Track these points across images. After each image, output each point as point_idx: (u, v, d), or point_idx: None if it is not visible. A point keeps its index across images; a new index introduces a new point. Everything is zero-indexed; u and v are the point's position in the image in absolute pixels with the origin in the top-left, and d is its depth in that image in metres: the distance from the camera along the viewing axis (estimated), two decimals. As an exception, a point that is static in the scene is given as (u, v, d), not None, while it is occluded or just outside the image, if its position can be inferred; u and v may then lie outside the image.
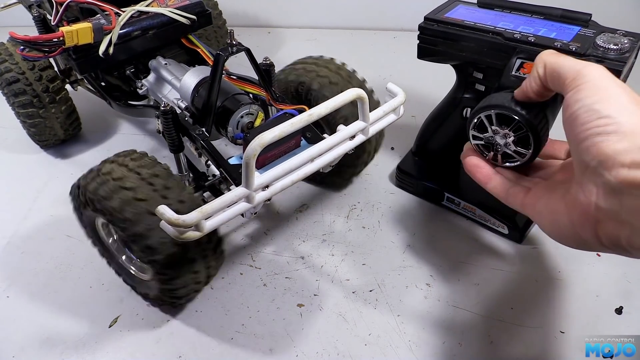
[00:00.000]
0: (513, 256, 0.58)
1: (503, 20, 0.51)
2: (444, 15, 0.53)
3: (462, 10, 0.55)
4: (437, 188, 0.63)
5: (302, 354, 0.50)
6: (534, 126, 0.40)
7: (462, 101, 0.57)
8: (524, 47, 0.47)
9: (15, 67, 0.68)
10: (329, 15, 1.11)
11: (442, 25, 0.52)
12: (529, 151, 0.41)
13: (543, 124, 0.40)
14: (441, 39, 0.53)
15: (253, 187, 0.41)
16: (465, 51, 0.52)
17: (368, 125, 0.48)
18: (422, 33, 0.54)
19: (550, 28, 0.49)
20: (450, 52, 0.53)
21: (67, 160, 0.77)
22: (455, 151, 0.55)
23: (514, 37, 0.48)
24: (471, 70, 0.54)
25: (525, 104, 0.40)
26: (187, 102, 0.59)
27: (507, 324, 0.51)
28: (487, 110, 0.42)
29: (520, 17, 0.52)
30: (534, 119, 0.39)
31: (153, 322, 0.53)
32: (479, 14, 0.53)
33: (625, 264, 0.56)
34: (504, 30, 0.49)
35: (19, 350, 0.51)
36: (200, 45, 0.64)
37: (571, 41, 0.46)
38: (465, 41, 0.51)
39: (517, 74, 0.46)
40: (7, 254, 0.62)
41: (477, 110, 0.43)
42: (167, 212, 0.37)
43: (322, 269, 0.58)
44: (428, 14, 0.54)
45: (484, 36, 0.50)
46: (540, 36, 0.48)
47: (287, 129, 0.40)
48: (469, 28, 0.51)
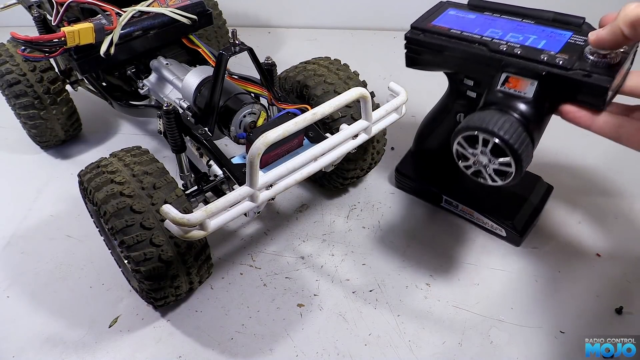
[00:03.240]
0: (513, 256, 0.58)
1: (492, 26, 0.49)
2: (431, 23, 0.51)
3: (451, 15, 0.52)
4: (435, 191, 0.63)
5: (302, 354, 0.50)
6: (512, 147, 0.40)
7: (455, 107, 0.57)
8: (510, 59, 0.44)
9: (16, 68, 0.68)
10: (329, 15, 1.11)
11: (428, 34, 0.50)
12: (512, 169, 0.41)
13: (524, 143, 0.40)
14: (427, 49, 0.51)
15: (257, 186, 0.41)
16: (451, 62, 0.50)
17: (371, 125, 0.49)
18: (408, 42, 0.52)
19: (540, 35, 0.46)
20: (437, 61, 0.51)
21: (68, 160, 0.77)
22: (450, 154, 0.55)
23: (499, 48, 0.45)
24: (462, 77, 0.52)
25: (504, 124, 0.40)
26: (189, 102, 0.59)
27: (507, 324, 0.51)
28: (466, 132, 0.42)
29: (511, 21, 0.49)
30: (512, 139, 0.40)
31: (153, 322, 0.53)
32: (468, 20, 0.51)
33: (625, 264, 0.56)
34: (490, 40, 0.47)
35: (19, 350, 0.51)
36: (201, 45, 0.64)
37: (559, 52, 0.43)
38: (450, 52, 0.49)
39: (502, 88, 0.44)
40: (7, 254, 0.62)
41: (456, 133, 0.43)
42: (171, 211, 0.37)
43: (322, 269, 0.58)
44: (415, 21, 0.52)
45: (469, 47, 0.47)
46: (527, 47, 0.45)
47: (290, 128, 0.40)
48: (455, 38, 0.48)
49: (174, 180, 0.48)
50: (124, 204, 0.44)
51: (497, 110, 0.43)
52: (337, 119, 0.56)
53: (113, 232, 0.45)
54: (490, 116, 0.41)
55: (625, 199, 0.64)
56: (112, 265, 0.57)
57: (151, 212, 0.45)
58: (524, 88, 0.43)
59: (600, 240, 0.59)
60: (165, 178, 0.47)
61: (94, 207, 0.48)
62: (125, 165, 0.48)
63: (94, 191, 0.46)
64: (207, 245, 0.50)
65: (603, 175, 0.66)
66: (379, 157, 0.64)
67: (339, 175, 0.62)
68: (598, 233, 0.60)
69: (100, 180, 0.46)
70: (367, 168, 0.64)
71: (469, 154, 0.44)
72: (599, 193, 0.64)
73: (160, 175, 0.48)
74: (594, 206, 0.63)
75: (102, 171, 0.47)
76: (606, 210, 0.63)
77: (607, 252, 0.57)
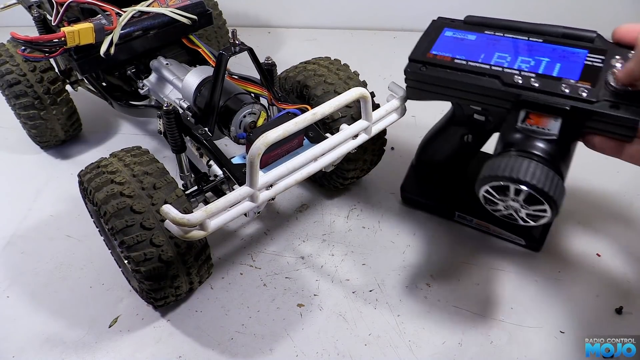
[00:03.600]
0: (513, 256, 0.58)
1: (497, 49, 0.45)
2: (431, 52, 0.47)
3: (450, 38, 0.48)
4: (446, 208, 0.61)
5: (302, 354, 0.50)
6: (548, 195, 0.37)
7: (461, 128, 0.54)
8: (528, 94, 0.41)
9: (16, 68, 0.68)
10: (329, 15, 1.11)
11: (430, 67, 0.46)
12: (548, 214, 0.39)
13: (558, 187, 0.38)
14: (431, 84, 0.47)
15: (257, 186, 0.41)
16: (459, 95, 0.46)
17: (371, 125, 0.49)
18: (408, 77, 0.48)
19: (552, 56, 0.42)
20: (442, 95, 0.47)
21: (68, 160, 0.77)
22: (457, 170, 0.54)
23: (514, 81, 0.42)
24: (469, 105, 0.49)
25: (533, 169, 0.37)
26: (189, 102, 0.59)
27: (507, 324, 0.51)
28: (494, 182, 0.39)
29: (517, 41, 0.45)
30: (546, 186, 0.37)
31: (153, 322, 0.53)
32: (470, 43, 0.46)
33: (625, 264, 0.56)
34: (501, 70, 0.43)
35: (19, 350, 0.51)
36: (201, 45, 0.64)
37: (579, 80, 0.40)
38: (459, 86, 0.45)
39: (523, 125, 0.41)
40: (7, 254, 0.62)
41: (482, 181, 0.40)
42: (171, 211, 0.37)
43: (322, 269, 0.58)
44: (413, 51, 0.48)
45: (479, 80, 0.43)
46: (543, 77, 0.41)
47: (291, 128, 0.40)
48: (461, 70, 0.44)
49: (174, 180, 0.48)
50: (124, 204, 0.44)
51: (522, 153, 0.39)
52: (337, 119, 0.56)
53: (113, 232, 0.45)
54: (519, 164, 0.38)
55: (625, 199, 0.64)
56: (112, 265, 0.57)
57: (151, 213, 0.45)
58: (547, 125, 0.40)
59: (600, 240, 0.59)
60: (165, 178, 0.48)
61: (94, 207, 0.48)
62: (126, 166, 0.48)
63: (94, 191, 0.46)
64: (207, 245, 0.50)
65: (603, 175, 0.66)
66: (379, 157, 0.64)
67: (339, 175, 0.62)
68: (598, 233, 0.60)
69: (100, 181, 0.46)
70: (367, 168, 0.64)
71: (498, 200, 0.41)
72: (599, 193, 0.64)
73: (160, 176, 0.48)
74: (594, 206, 0.63)
75: (102, 171, 0.47)
76: (606, 210, 0.63)
77: (607, 252, 0.57)
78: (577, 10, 0.95)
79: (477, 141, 0.54)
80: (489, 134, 0.53)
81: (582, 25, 0.44)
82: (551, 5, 0.97)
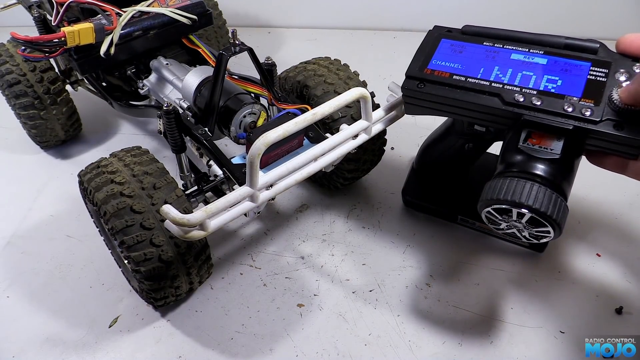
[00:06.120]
0: (513, 256, 0.58)
1: (497, 62, 0.43)
2: (428, 68, 0.46)
3: (447, 51, 0.46)
4: (448, 211, 0.61)
5: (302, 354, 0.50)
6: (550, 218, 0.37)
7: (461, 139, 0.54)
8: (530, 114, 0.40)
9: (16, 68, 0.68)
10: (329, 15, 1.11)
11: (428, 84, 0.45)
12: (551, 235, 0.39)
13: (561, 209, 0.37)
14: (429, 101, 0.46)
15: (257, 186, 0.41)
16: (459, 112, 0.45)
17: (371, 125, 0.49)
18: (406, 94, 0.47)
19: (554, 70, 0.41)
20: (441, 111, 0.46)
21: (68, 160, 0.77)
22: (459, 173, 0.53)
23: (515, 100, 0.40)
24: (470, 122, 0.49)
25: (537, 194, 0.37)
26: (189, 102, 0.59)
27: (507, 324, 0.51)
28: (496, 205, 0.39)
29: (517, 52, 0.44)
30: (549, 210, 0.37)
31: (153, 322, 0.53)
32: (468, 56, 0.45)
33: (625, 264, 0.56)
34: (502, 87, 0.42)
35: (19, 350, 0.51)
36: (201, 45, 0.64)
37: (582, 97, 0.39)
38: (458, 104, 0.44)
39: (525, 145, 0.40)
40: (7, 254, 0.62)
41: (484, 204, 0.40)
42: (171, 211, 0.37)
43: (322, 269, 0.58)
44: (410, 67, 0.46)
45: (479, 98, 0.42)
46: (545, 93, 0.40)
47: (291, 128, 0.40)
48: (460, 87, 0.43)
49: (174, 180, 0.48)
50: (124, 204, 0.44)
51: (524, 175, 0.39)
52: (337, 119, 0.56)
53: (113, 232, 0.45)
54: (521, 187, 0.38)
55: (625, 199, 0.64)
56: (112, 265, 0.57)
57: (151, 213, 0.45)
58: (549, 144, 0.39)
59: (600, 240, 0.59)
60: (165, 178, 0.48)
61: (94, 207, 0.48)
62: (126, 166, 0.48)
63: (94, 191, 0.46)
64: (207, 245, 0.50)
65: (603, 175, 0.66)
66: (379, 157, 0.64)
67: (339, 175, 0.62)
68: (598, 233, 0.60)
69: (100, 181, 0.46)
70: (367, 168, 0.64)
71: (501, 220, 0.41)
72: (599, 193, 0.64)
73: (160, 176, 0.48)
74: (594, 206, 0.63)
75: (102, 171, 0.47)
76: (606, 210, 0.63)
77: (607, 252, 0.57)
78: (580, 16, 0.95)
79: (478, 149, 0.55)
80: (490, 142, 0.53)
81: (585, 32, 0.44)
82: (554, 10, 0.97)
